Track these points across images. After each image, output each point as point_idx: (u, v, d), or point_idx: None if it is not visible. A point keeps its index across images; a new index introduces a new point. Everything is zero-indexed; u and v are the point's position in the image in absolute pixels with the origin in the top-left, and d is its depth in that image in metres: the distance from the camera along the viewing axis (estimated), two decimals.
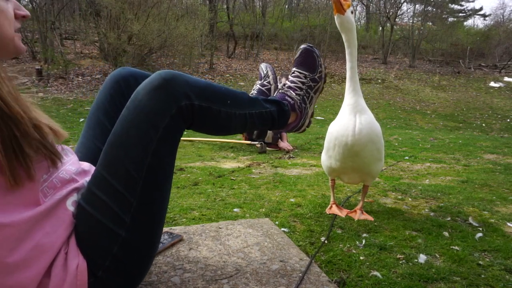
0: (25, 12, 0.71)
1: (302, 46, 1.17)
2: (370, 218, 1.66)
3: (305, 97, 1.13)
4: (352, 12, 1.51)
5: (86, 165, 0.87)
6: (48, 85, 9.75)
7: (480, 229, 1.61)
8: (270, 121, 1.03)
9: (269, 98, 1.06)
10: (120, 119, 0.80)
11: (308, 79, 1.13)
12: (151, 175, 0.78)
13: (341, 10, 1.46)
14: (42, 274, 0.68)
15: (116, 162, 0.76)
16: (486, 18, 24.20)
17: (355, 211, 1.71)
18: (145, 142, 0.77)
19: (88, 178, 0.83)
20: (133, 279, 0.81)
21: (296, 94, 1.12)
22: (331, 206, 1.78)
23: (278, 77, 4.33)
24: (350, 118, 1.53)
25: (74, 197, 0.77)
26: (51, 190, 0.72)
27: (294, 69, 1.16)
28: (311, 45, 1.16)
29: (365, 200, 2.01)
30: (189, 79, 0.83)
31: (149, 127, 0.77)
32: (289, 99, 1.10)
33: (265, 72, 1.33)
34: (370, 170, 1.62)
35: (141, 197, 0.77)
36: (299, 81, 1.12)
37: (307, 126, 1.18)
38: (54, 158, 0.71)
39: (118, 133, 0.78)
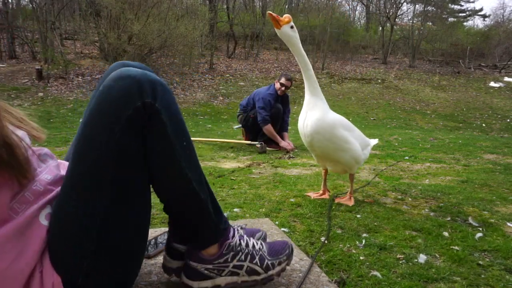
0: None
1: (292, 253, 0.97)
2: (350, 203, 1.89)
3: (239, 266, 0.87)
4: (292, 27, 1.73)
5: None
6: (48, 85, 9.75)
7: (480, 229, 1.61)
8: (199, 212, 0.81)
9: (220, 210, 0.87)
10: (88, 108, 0.74)
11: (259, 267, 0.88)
12: (117, 181, 0.71)
13: (277, 25, 1.70)
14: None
15: (81, 159, 0.70)
16: (486, 19, 24.19)
17: (350, 198, 1.94)
18: (107, 139, 0.69)
19: None
20: None
21: (241, 251, 0.87)
22: (321, 193, 2.05)
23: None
24: (302, 115, 1.84)
25: (48, 209, 0.72)
26: (23, 205, 0.68)
27: (265, 250, 0.92)
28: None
29: (366, 200, 2.02)
30: (163, 85, 0.75)
31: (107, 125, 0.69)
32: (233, 237, 0.87)
33: None
34: (337, 158, 1.85)
35: (109, 203, 0.70)
36: (255, 252, 0.89)
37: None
38: (21, 179, 0.66)
39: (83, 125, 0.72)
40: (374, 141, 2.14)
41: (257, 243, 0.91)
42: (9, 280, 0.64)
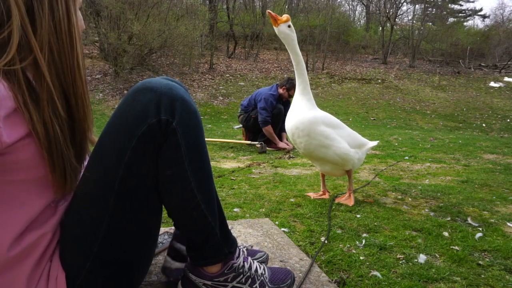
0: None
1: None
2: (350, 203, 1.91)
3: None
4: (289, 26, 1.82)
5: None
6: None
7: (480, 229, 1.61)
8: (204, 234, 0.79)
9: (229, 233, 0.86)
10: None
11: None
12: (123, 193, 0.70)
13: (275, 23, 1.80)
14: (31, 270, 0.67)
15: (93, 168, 0.72)
16: (484, 20, 24.18)
17: (350, 196, 1.96)
18: (119, 150, 0.69)
19: None
20: None
21: (243, 274, 0.85)
22: (321, 194, 2.07)
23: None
24: (289, 112, 1.93)
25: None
26: (62, 201, 0.74)
27: (267, 276, 0.91)
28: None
29: (366, 200, 2.02)
30: (189, 103, 0.72)
31: (124, 135, 0.69)
32: (237, 258, 0.86)
33: None
34: (321, 156, 1.88)
35: (113, 212, 0.71)
36: (256, 276, 0.88)
37: None
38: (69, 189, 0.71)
39: (100, 135, 0.72)
40: (372, 143, 2.09)
41: (260, 267, 0.90)
42: (33, 249, 0.67)
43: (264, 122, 4.09)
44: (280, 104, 4.23)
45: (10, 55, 0.56)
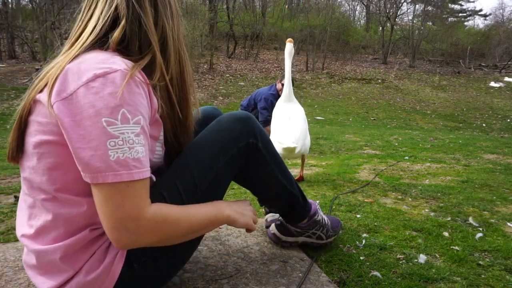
0: None
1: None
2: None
3: (314, 233, 1.26)
4: (291, 47, 2.47)
5: None
6: None
7: (480, 229, 1.61)
8: (293, 203, 1.15)
9: (306, 198, 1.20)
10: (199, 137, 0.92)
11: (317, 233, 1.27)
12: (208, 192, 0.88)
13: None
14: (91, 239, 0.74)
15: (185, 169, 0.86)
16: (486, 19, 24.17)
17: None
18: (214, 162, 0.89)
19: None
20: (162, 280, 0.87)
21: (318, 224, 1.25)
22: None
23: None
24: None
25: None
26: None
27: (329, 224, 1.30)
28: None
29: (366, 200, 2.02)
30: (262, 128, 1.01)
31: (220, 150, 0.90)
32: (318, 216, 1.25)
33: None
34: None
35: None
36: (324, 225, 1.27)
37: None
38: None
39: (194, 147, 0.90)
40: (281, 143, 2.20)
41: (324, 218, 1.28)
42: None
43: (265, 122, 4.09)
44: None
45: (158, 75, 0.76)
